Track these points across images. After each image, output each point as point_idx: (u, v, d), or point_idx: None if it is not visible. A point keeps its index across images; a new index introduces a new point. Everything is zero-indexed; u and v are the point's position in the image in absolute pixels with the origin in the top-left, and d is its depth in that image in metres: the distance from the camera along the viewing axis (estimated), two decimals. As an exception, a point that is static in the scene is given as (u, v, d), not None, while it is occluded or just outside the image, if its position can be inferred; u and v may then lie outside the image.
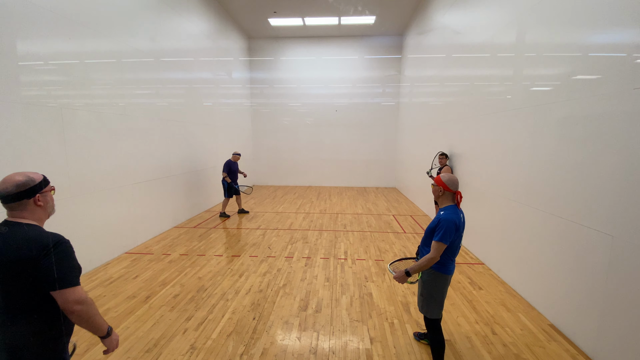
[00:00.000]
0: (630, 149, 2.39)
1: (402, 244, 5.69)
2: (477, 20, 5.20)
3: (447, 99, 6.65)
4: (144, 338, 2.98)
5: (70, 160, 4.11)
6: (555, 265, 3.19)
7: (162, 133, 6.22)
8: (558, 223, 3.16)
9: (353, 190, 11.53)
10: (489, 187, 4.65)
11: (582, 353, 2.80)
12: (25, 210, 1.50)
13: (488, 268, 4.59)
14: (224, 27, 9.56)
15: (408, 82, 10.49)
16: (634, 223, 2.34)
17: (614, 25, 2.62)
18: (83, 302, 1.46)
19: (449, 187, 2.37)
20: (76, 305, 1.44)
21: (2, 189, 1.45)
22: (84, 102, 4.35)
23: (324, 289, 3.97)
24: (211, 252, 5.22)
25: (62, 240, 1.49)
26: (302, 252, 5.24)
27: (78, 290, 1.46)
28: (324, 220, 7.32)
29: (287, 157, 12.67)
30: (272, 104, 12.43)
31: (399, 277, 2.42)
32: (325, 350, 2.83)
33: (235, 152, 7.63)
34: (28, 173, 1.53)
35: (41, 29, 3.73)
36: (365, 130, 12.27)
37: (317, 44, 11.88)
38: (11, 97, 3.38)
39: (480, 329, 3.15)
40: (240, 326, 3.18)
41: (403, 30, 11.17)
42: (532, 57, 3.68)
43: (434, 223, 2.35)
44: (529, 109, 3.68)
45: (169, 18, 6.49)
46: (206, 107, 8.31)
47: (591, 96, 2.79)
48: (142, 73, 5.65)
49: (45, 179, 1.60)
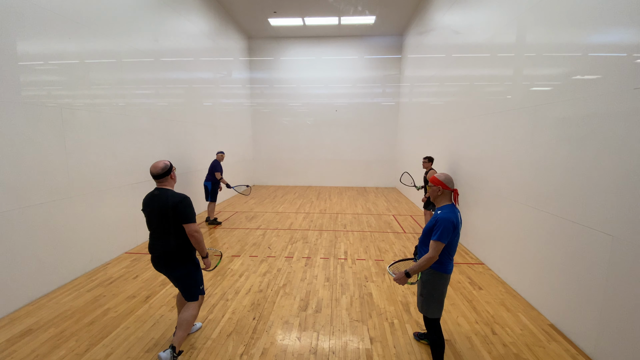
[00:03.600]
0: (630, 149, 2.39)
1: (402, 244, 5.69)
2: (477, 20, 5.20)
3: (447, 99, 6.65)
4: (144, 338, 2.98)
5: (70, 160, 4.10)
6: (555, 265, 3.19)
7: (162, 133, 6.22)
8: (558, 223, 3.16)
9: (353, 190, 11.53)
10: (488, 187, 4.65)
11: (582, 353, 2.80)
12: (166, 182, 2.63)
13: (488, 268, 4.59)
14: (224, 27, 9.56)
15: (408, 82, 10.49)
16: (634, 223, 2.34)
17: (614, 25, 2.62)
18: (198, 232, 2.58)
19: (447, 186, 2.38)
20: (194, 233, 2.56)
21: (154, 171, 2.58)
22: (84, 102, 4.35)
23: (324, 289, 3.97)
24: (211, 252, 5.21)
25: (186, 197, 2.57)
26: (302, 252, 5.24)
27: (194, 225, 2.56)
28: (324, 220, 7.32)
29: (287, 157, 12.67)
30: (272, 104, 12.43)
31: (400, 278, 2.42)
32: (325, 350, 2.83)
33: (221, 151, 7.01)
34: (164, 161, 2.64)
35: (41, 29, 3.73)
36: (365, 130, 12.27)
37: (317, 44, 11.88)
38: (11, 97, 3.38)
39: (480, 329, 3.15)
40: (240, 326, 3.18)
41: (403, 30, 11.17)
42: (532, 57, 3.68)
43: (432, 222, 2.36)
44: (529, 109, 3.68)
45: (169, 18, 6.49)
46: (206, 107, 8.31)
47: (591, 96, 2.79)
48: (142, 73, 5.65)
49: (172, 164, 2.69)
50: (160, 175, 2.58)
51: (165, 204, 2.49)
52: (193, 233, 2.54)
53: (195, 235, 2.55)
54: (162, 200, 2.52)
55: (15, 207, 3.42)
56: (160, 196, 2.54)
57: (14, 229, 3.41)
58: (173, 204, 2.48)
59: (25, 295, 3.55)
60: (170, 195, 2.54)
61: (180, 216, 2.50)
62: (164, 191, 2.57)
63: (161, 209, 2.50)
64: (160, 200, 2.52)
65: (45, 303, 3.58)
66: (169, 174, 2.62)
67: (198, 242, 2.58)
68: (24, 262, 3.52)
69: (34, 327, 3.14)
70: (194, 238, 2.55)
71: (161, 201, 2.51)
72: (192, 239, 2.55)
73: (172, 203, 2.48)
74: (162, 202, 2.51)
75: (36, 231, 3.66)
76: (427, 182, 3.60)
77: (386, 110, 12.12)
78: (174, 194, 2.55)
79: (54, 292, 3.83)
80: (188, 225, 2.52)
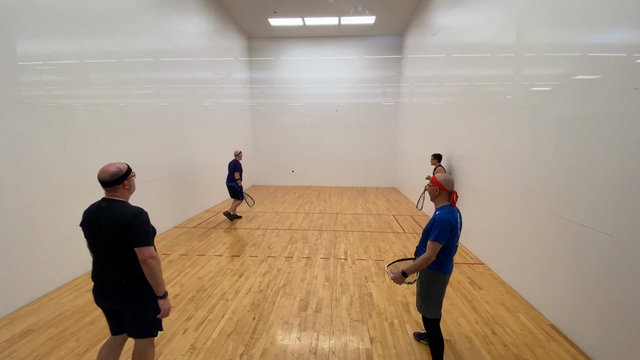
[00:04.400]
0: (630, 149, 2.39)
1: (402, 244, 5.69)
2: (477, 20, 5.20)
3: (447, 99, 6.65)
4: (144, 338, 2.98)
5: (70, 160, 4.11)
6: (555, 265, 3.19)
7: (162, 133, 6.22)
8: (558, 223, 3.16)
9: (353, 190, 11.53)
10: (488, 187, 4.65)
11: (582, 353, 2.80)
12: (117, 191, 2.05)
13: (488, 268, 4.59)
14: (224, 27, 9.56)
15: (408, 82, 10.48)
16: (634, 223, 2.34)
17: (614, 25, 2.62)
18: (154, 258, 1.98)
19: (444, 187, 2.37)
20: (148, 259, 1.95)
21: (102, 177, 2.00)
22: (84, 102, 4.35)
23: (324, 289, 3.97)
24: (211, 252, 5.22)
25: (141, 212, 2.02)
26: (302, 252, 5.24)
27: (149, 250, 1.97)
28: (324, 220, 7.32)
29: (287, 157, 12.67)
30: (272, 104, 12.43)
31: (397, 278, 2.43)
32: (325, 350, 2.83)
33: (240, 151, 7.16)
34: (118, 164, 2.05)
35: (41, 29, 3.73)
36: (365, 130, 12.27)
37: (317, 44, 11.88)
38: (11, 97, 3.38)
39: (480, 329, 3.15)
40: (240, 326, 3.18)
41: (403, 30, 11.17)
42: (532, 57, 3.68)
43: (430, 223, 2.36)
44: (529, 108, 3.68)
45: (169, 18, 6.49)
46: (206, 107, 8.31)
47: (591, 96, 2.79)
48: (142, 73, 5.65)
49: (129, 168, 2.11)
50: (109, 183, 2.01)
51: (115, 221, 1.94)
52: (147, 259, 1.94)
53: (149, 262, 1.94)
54: (110, 215, 1.96)
55: (15, 207, 3.42)
56: (108, 210, 1.98)
57: (14, 229, 3.41)
58: (124, 221, 1.93)
59: (25, 295, 3.55)
60: (122, 208, 1.99)
61: (131, 237, 1.94)
62: (114, 203, 2.01)
63: (109, 227, 1.94)
64: (109, 215, 1.96)
65: (45, 303, 3.58)
66: (120, 182, 2.03)
67: (152, 272, 1.96)
68: (24, 262, 3.52)
69: (34, 327, 3.14)
70: (147, 266, 1.94)
71: (109, 216, 1.96)
72: (145, 266, 1.95)
73: (122, 219, 1.94)
74: (110, 217, 1.95)
75: (36, 231, 3.66)
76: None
77: (386, 111, 12.12)
78: (126, 208, 2.00)
79: (54, 292, 3.83)
80: (141, 249, 1.94)
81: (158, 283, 2.00)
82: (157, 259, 2.00)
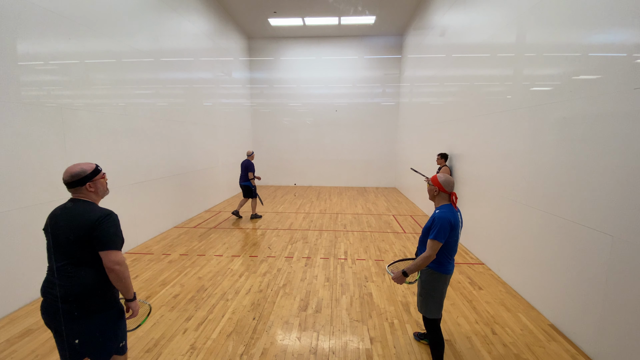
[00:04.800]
0: (630, 149, 2.39)
1: (402, 244, 5.69)
2: (477, 20, 5.20)
3: (447, 99, 6.65)
4: (144, 338, 2.98)
5: (70, 160, 4.10)
6: (555, 265, 3.19)
7: (162, 133, 6.22)
8: (558, 223, 3.16)
9: (353, 190, 11.53)
10: (488, 187, 4.65)
11: (582, 353, 2.80)
12: (81, 193, 1.91)
13: (488, 268, 4.59)
14: (224, 27, 9.56)
15: (408, 82, 10.48)
16: (634, 223, 2.34)
17: (614, 25, 2.62)
18: (121, 264, 1.82)
19: (444, 188, 2.37)
20: (115, 265, 1.80)
21: (63, 177, 1.88)
22: (84, 102, 4.35)
23: (324, 289, 3.97)
24: (211, 252, 5.22)
25: (110, 213, 1.88)
26: (302, 252, 5.24)
27: (116, 255, 1.82)
28: (324, 220, 7.32)
29: (287, 157, 12.67)
30: (272, 104, 12.43)
31: (397, 277, 2.43)
32: (325, 350, 2.83)
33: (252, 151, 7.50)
34: (83, 165, 1.91)
35: (41, 29, 3.73)
36: (365, 130, 12.27)
37: (317, 44, 11.88)
38: (11, 97, 3.38)
39: (480, 329, 3.15)
40: (240, 326, 3.18)
41: (403, 30, 11.17)
42: (532, 57, 3.68)
43: (430, 222, 2.36)
44: (529, 109, 3.68)
45: (169, 18, 6.49)
46: (206, 107, 8.31)
47: (591, 96, 2.79)
48: (142, 73, 5.65)
49: (96, 169, 1.95)
50: (70, 184, 1.86)
51: (80, 223, 1.78)
52: (113, 266, 1.79)
53: (116, 269, 1.79)
54: (75, 215, 1.82)
55: (15, 207, 3.42)
56: (73, 211, 1.84)
57: (14, 229, 3.41)
58: (90, 222, 1.78)
59: (25, 295, 3.55)
60: (89, 209, 1.85)
61: (97, 240, 1.78)
62: (80, 203, 1.87)
63: (71, 228, 1.78)
64: (73, 216, 1.81)
65: (45, 303, 3.58)
66: (82, 183, 1.87)
67: (120, 278, 1.82)
68: (24, 262, 3.52)
69: (34, 327, 3.14)
70: (113, 273, 1.80)
71: (74, 217, 1.81)
72: (112, 274, 1.80)
73: (88, 220, 1.78)
74: (74, 218, 1.81)
75: (36, 231, 3.66)
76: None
77: (386, 110, 12.12)
78: (93, 209, 1.86)
79: (54, 292, 3.83)
80: (107, 253, 1.78)
81: (127, 288, 1.89)
82: (125, 265, 1.86)
